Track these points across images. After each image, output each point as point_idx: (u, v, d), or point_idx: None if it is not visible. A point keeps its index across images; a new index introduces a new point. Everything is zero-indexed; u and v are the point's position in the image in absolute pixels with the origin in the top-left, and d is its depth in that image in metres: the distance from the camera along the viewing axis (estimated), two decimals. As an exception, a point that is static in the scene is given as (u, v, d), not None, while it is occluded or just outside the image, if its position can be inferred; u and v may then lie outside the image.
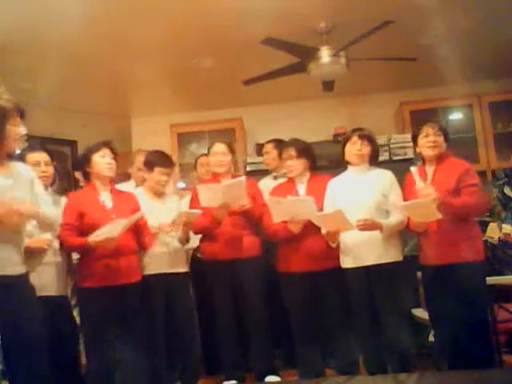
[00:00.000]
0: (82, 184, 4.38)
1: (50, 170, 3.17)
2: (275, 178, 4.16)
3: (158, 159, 3.51)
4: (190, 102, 5.53)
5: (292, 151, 3.47)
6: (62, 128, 5.28)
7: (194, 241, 3.71)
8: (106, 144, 3.28)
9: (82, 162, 3.30)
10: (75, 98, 5.17)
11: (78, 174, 4.49)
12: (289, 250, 3.38)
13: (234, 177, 3.66)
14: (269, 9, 3.73)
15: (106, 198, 3.22)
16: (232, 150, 3.72)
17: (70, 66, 4.20)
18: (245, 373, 3.57)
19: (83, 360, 3.46)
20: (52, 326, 2.87)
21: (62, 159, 5.42)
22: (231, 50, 4.45)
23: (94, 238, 2.96)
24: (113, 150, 3.28)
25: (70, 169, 5.35)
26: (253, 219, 3.52)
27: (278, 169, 4.16)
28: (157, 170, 3.47)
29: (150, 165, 3.50)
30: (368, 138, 3.34)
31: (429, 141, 3.19)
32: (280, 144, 4.16)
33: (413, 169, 3.09)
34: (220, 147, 3.67)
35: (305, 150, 3.49)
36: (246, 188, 3.43)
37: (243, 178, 3.48)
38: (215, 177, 3.66)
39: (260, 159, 5.05)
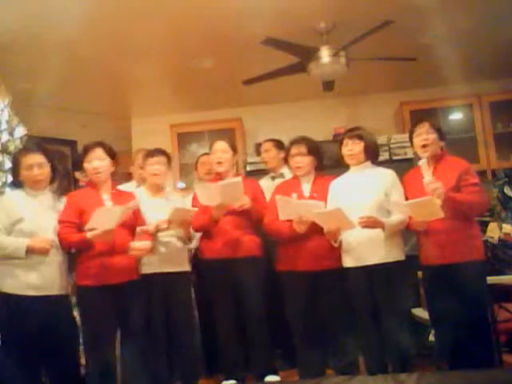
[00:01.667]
0: (82, 184, 4.40)
1: (46, 171, 3.09)
2: (273, 178, 4.14)
3: (149, 151, 3.54)
4: (190, 101, 5.53)
5: (302, 148, 3.42)
6: (62, 128, 5.28)
7: (196, 241, 3.70)
8: (99, 145, 3.22)
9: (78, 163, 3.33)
10: (75, 98, 5.17)
11: (77, 174, 4.51)
12: (291, 249, 3.35)
13: (236, 176, 3.62)
14: (269, 9, 3.73)
15: (106, 197, 3.22)
16: (234, 148, 3.66)
17: (69, 66, 4.20)
18: (244, 373, 3.55)
19: (84, 360, 3.46)
20: (52, 326, 2.88)
21: (62, 159, 5.42)
22: (231, 50, 4.45)
23: (92, 232, 2.96)
24: (106, 150, 3.22)
25: (69, 169, 5.36)
26: (253, 219, 3.50)
27: (277, 168, 4.15)
28: (149, 161, 3.49)
29: (144, 159, 3.54)
30: (357, 136, 3.30)
31: (421, 139, 3.18)
32: (280, 144, 4.15)
33: (421, 162, 3.02)
34: (220, 145, 3.61)
35: (314, 149, 3.45)
36: (248, 188, 3.42)
37: (240, 179, 3.43)
38: (218, 176, 3.62)
39: (260, 159, 5.04)
